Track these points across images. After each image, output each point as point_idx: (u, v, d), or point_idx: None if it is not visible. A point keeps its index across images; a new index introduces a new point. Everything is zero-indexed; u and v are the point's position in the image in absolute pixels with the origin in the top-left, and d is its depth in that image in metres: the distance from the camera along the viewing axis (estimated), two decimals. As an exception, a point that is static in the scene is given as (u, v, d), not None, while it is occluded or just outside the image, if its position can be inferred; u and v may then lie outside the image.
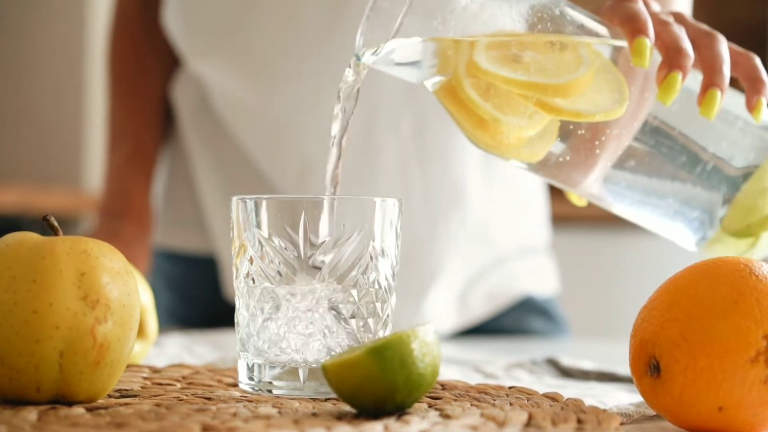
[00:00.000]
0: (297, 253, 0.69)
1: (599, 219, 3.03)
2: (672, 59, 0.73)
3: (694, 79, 0.75)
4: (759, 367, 0.59)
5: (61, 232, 0.66)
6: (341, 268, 0.69)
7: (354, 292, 0.69)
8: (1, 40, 3.20)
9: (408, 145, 1.15)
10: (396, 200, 0.71)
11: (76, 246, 0.63)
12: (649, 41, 0.73)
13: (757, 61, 0.77)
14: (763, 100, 0.75)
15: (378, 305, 0.70)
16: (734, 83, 0.76)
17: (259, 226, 0.70)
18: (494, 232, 1.22)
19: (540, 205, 1.28)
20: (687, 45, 0.74)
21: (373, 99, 1.13)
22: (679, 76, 0.72)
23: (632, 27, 0.74)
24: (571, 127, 0.74)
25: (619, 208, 0.79)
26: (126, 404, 0.64)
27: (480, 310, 1.23)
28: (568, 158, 0.75)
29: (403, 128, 1.14)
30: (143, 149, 1.25)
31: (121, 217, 1.23)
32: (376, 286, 0.70)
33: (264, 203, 0.70)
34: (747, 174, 0.76)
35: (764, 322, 0.59)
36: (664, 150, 0.76)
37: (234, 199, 0.71)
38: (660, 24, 0.75)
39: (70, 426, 0.58)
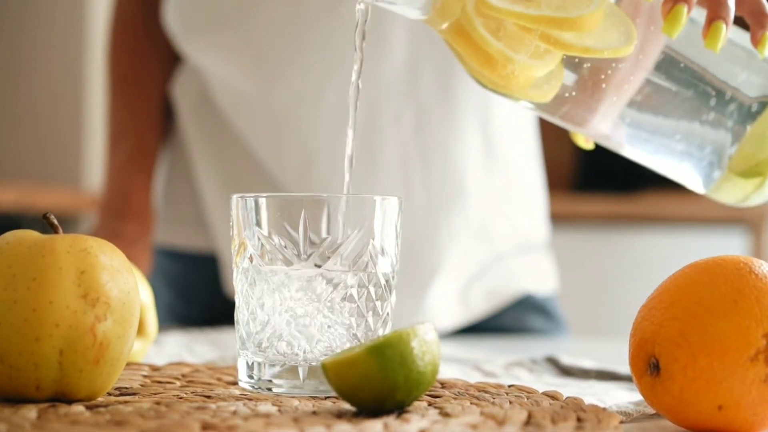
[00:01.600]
0: (297, 252, 0.69)
1: (599, 218, 3.03)
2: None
3: (700, 14, 0.75)
4: (759, 366, 0.59)
5: (60, 231, 0.66)
6: (341, 267, 0.69)
7: (354, 290, 0.69)
8: (0, 40, 3.19)
9: (409, 140, 1.15)
10: (396, 199, 0.71)
11: (75, 244, 0.63)
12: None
13: None
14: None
15: (378, 303, 0.70)
16: (739, 23, 0.76)
17: (259, 224, 0.70)
18: (494, 228, 1.22)
19: (539, 201, 1.28)
20: None
21: (375, 93, 1.13)
22: (684, 8, 0.72)
23: None
24: (578, 61, 0.74)
25: (627, 148, 0.79)
26: (126, 402, 0.64)
27: (480, 308, 1.23)
28: (575, 94, 0.75)
29: (404, 123, 1.14)
30: (144, 147, 1.25)
31: (121, 216, 1.23)
32: (376, 285, 0.70)
33: (264, 201, 0.70)
34: (757, 108, 0.76)
35: (764, 321, 0.59)
36: (671, 86, 0.75)
37: (234, 197, 0.71)
38: None
39: (69, 424, 0.58)
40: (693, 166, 0.78)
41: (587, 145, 0.83)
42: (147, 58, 1.26)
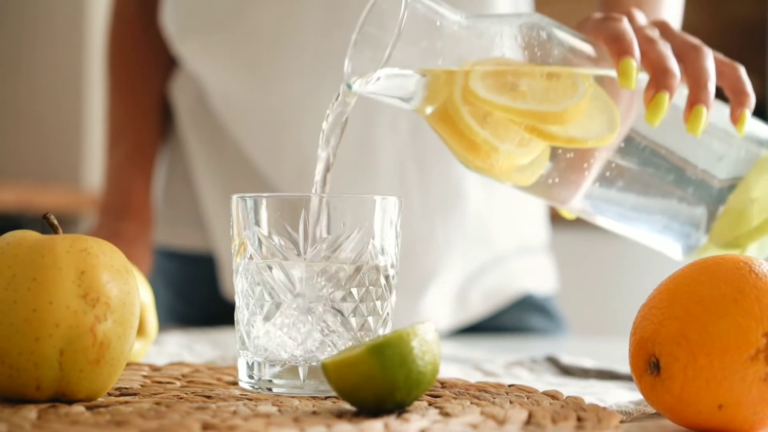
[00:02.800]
0: (297, 251, 0.69)
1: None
2: (659, 79, 0.73)
3: (679, 94, 0.76)
4: (759, 365, 0.59)
5: (61, 231, 0.66)
6: (341, 267, 0.69)
7: (354, 290, 0.69)
8: (0, 40, 3.19)
9: (406, 145, 1.15)
10: (396, 198, 0.71)
11: (76, 244, 0.63)
12: (635, 62, 0.72)
13: (742, 71, 0.77)
14: (747, 112, 0.76)
15: (378, 303, 0.70)
16: (719, 93, 0.76)
17: (258, 224, 0.70)
18: (493, 232, 1.22)
19: (539, 204, 1.28)
20: (673, 64, 0.74)
21: (372, 101, 1.13)
22: (667, 96, 0.72)
23: (618, 47, 0.73)
24: (561, 151, 0.75)
25: (608, 222, 0.80)
26: (126, 402, 0.64)
27: (479, 308, 1.23)
28: (557, 180, 0.76)
29: (401, 128, 1.14)
30: (143, 147, 1.25)
31: (122, 216, 1.23)
32: (376, 285, 0.70)
33: (264, 201, 0.70)
34: (731, 186, 0.76)
35: (764, 320, 0.59)
36: (649, 166, 0.76)
37: (234, 197, 0.71)
38: (646, 41, 0.75)
39: (70, 424, 0.58)
40: (672, 238, 0.79)
41: (570, 216, 0.83)
42: (145, 58, 1.26)
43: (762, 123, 0.80)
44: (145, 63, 1.26)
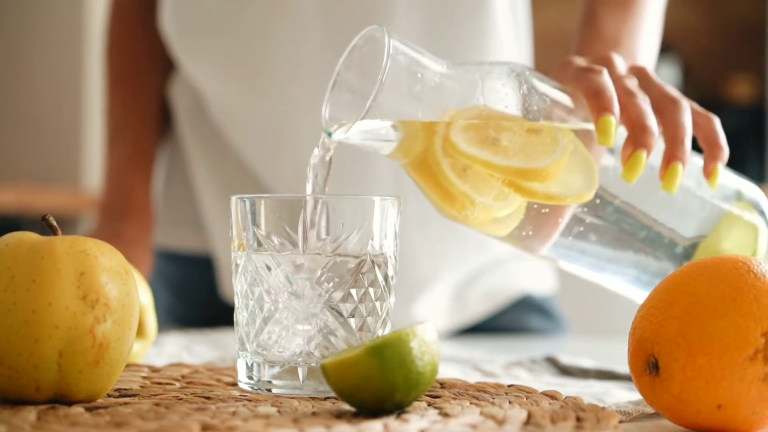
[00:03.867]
0: (296, 252, 0.69)
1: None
2: (637, 137, 0.73)
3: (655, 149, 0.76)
4: (758, 365, 0.59)
5: (60, 232, 0.66)
6: (340, 267, 0.69)
7: (353, 291, 0.69)
8: (0, 41, 3.19)
9: None
10: (395, 199, 0.71)
11: (75, 246, 0.63)
12: (614, 120, 0.72)
13: (717, 124, 0.77)
14: (720, 166, 0.76)
15: (377, 304, 0.70)
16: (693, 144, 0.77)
17: (257, 224, 0.70)
18: (489, 238, 1.21)
19: None
20: (652, 121, 0.73)
21: None
22: (645, 154, 0.72)
23: (597, 104, 0.73)
24: (537, 206, 0.75)
25: (577, 270, 0.81)
26: (125, 404, 0.64)
27: (478, 308, 1.23)
28: (531, 233, 0.76)
29: None
30: (143, 147, 1.25)
31: (122, 217, 1.23)
32: (375, 285, 0.70)
33: (263, 202, 0.70)
34: (697, 243, 0.76)
35: (763, 320, 0.59)
36: (618, 222, 0.76)
37: (233, 198, 0.71)
38: (625, 94, 0.74)
39: (69, 425, 0.58)
40: (641, 289, 0.80)
41: (538, 260, 0.84)
42: (145, 57, 1.26)
43: (732, 174, 0.80)
44: (144, 62, 1.26)
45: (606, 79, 0.74)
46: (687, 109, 0.76)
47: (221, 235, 1.20)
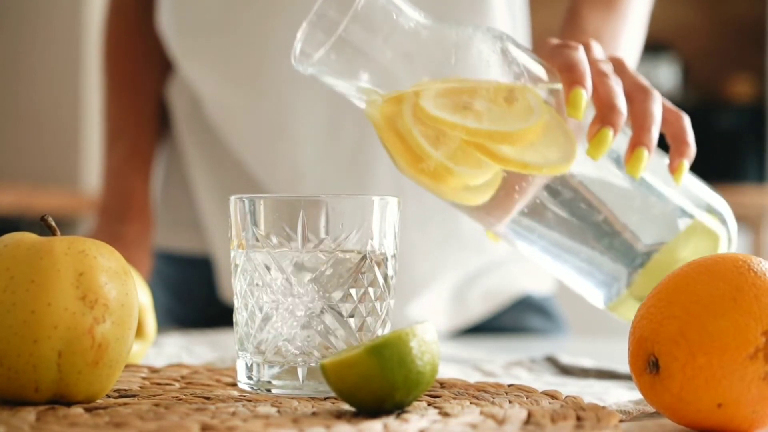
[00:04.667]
0: (295, 252, 0.69)
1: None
2: (605, 116, 0.73)
3: (622, 139, 0.75)
4: (758, 364, 0.59)
5: (59, 233, 0.66)
6: (340, 267, 0.69)
7: (353, 291, 0.69)
8: (-2, 41, 3.19)
9: None
10: (395, 199, 0.71)
11: (74, 246, 0.63)
12: (585, 93, 0.72)
13: (687, 121, 0.77)
14: (686, 162, 0.76)
15: (377, 304, 0.70)
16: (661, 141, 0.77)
17: (257, 224, 0.70)
18: (489, 240, 1.21)
19: None
20: (621, 102, 0.74)
21: (357, 130, 1.12)
22: (611, 132, 0.72)
23: (570, 77, 0.73)
24: (511, 177, 0.74)
25: (533, 254, 0.79)
26: (125, 404, 0.64)
27: (478, 309, 1.23)
28: (492, 203, 0.75)
29: None
30: (142, 148, 1.25)
31: (122, 219, 1.23)
32: (375, 285, 0.70)
33: (262, 202, 0.70)
34: (656, 250, 0.76)
35: (763, 319, 0.59)
36: (581, 213, 0.75)
37: (232, 198, 0.71)
38: (598, 75, 0.75)
39: (68, 426, 0.58)
40: (594, 285, 0.79)
41: (495, 240, 0.82)
42: (143, 56, 1.26)
43: (699, 182, 0.79)
44: (142, 63, 1.26)
45: (581, 55, 0.75)
46: (658, 99, 0.76)
47: (220, 236, 1.20)
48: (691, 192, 0.77)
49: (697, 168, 0.82)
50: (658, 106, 0.76)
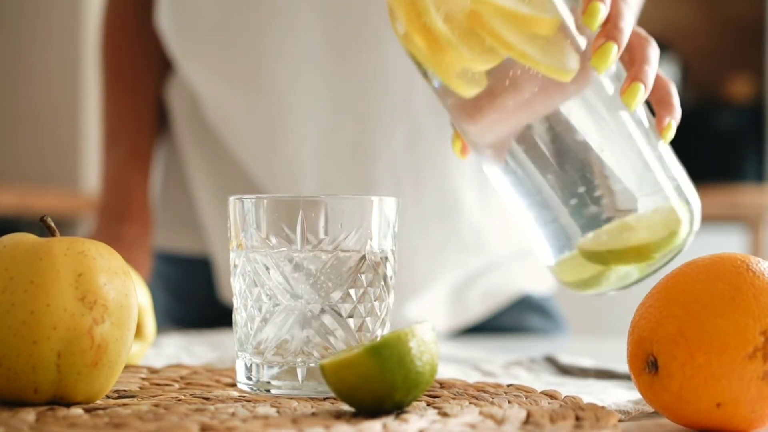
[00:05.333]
0: (294, 252, 0.69)
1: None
2: (610, 31, 0.74)
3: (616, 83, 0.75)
4: (757, 363, 0.59)
5: (58, 233, 0.66)
6: (339, 267, 0.69)
7: (352, 291, 0.69)
8: (-3, 42, 3.19)
9: (401, 157, 1.14)
10: (393, 199, 0.71)
11: (73, 247, 0.63)
12: (603, 7, 0.73)
13: (674, 88, 0.78)
14: (674, 123, 0.76)
15: (376, 304, 0.70)
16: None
17: (256, 225, 0.70)
18: (489, 240, 1.21)
19: None
20: (627, 25, 0.75)
21: (366, 110, 1.12)
22: (615, 47, 0.73)
23: (594, 21, 0.74)
24: (508, 72, 0.72)
25: (500, 185, 0.77)
26: (124, 405, 0.64)
27: (477, 309, 1.23)
28: (484, 101, 0.74)
29: (396, 139, 1.13)
30: (141, 147, 1.24)
31: (121, 220, 1.22)
32: (374, 285, 0.70)
33: (261, 203, 0.70)
34: (615, 217, 0.74)
35: (762, 319, 0.59)
36: (563, 153, 0.74)
37: (231, 198, 0.71)
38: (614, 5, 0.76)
39: (68, 427, 0.58)
40: (548, 235, 0.77)
41: (461, 155, 0.81)
42: (142, 55, 1.25)
43: (681, 168, 0.78)
44: (140, 60, 1.26)
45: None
46: (656, 48, 0.77)
47: (218, 237, 1.20)
48: (672, 173, 0.77)
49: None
50: (656, 54, 0.76)
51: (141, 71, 1.25)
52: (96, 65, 1.33)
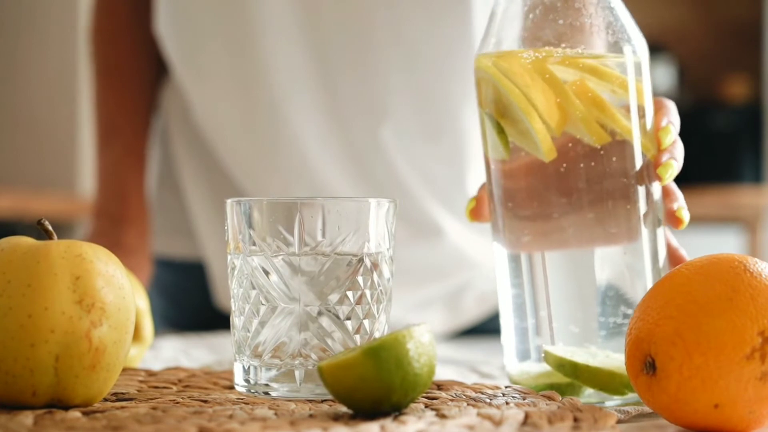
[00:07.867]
0: (292, 255, 0.69)
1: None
2: (672, 151, 0.75)
3: None
4: (754, 364, 0.59)
5: (55, 237, 0.66)
6: (337, 270, 0.69)
7: (350, 293, 0.69)
8: (-5, 46, 3.19)
9: (394, 159, 1.14)
10: (391, 202, 0.71)
11: (70, 250, 0.63)
12: (676, 164, 0.74)
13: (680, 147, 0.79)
14: (675, 163, 0.76)
15: (374, 306, 0.70)
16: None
17: (253, 227, 0.70)
18: (475, 258, 1.21)
19: None
20: (679, 141, 0.76)
21: (361, 123, 1.12)
22: (677, 164, 0.75)
23: (668, 140, 0.75)
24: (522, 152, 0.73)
25: (497, 258, 0.77)
26: (122, 408, 0.64)
27: (473, 312, 1.23)
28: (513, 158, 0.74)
29: (391, 152, 1.14)
30: (136, 147, 1.23)
31: (120, 223, 1.22)
32: (372, 288, 0.70)
33: (258, 205, 0.70)
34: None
35: (759, 319, 0.59)
36: (578, 275, 0.74)
37: (228, 201, 0.71)
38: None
39: (66, 430, 0.58)
40: (516, 336, 0.75)
41: (471, 218, 0.80)
42: (136, 52, 1.24)
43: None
44: (132, 55, 1.24)
45: (677, 120, 0.78)
46: (674, 111, 0.78)
47: (212, 243, 1.19)
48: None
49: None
50: (677, 118, 0.78)
51: (133, 63, 1.24)
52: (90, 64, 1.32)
